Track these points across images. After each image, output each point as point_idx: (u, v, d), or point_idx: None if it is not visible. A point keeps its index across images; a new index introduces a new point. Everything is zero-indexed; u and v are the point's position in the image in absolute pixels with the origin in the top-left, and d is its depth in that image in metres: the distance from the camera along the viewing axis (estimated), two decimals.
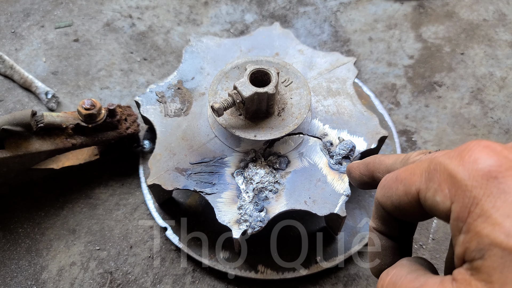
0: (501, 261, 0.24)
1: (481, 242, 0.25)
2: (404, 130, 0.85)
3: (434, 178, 0.29)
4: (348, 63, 0.76)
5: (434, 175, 0.29)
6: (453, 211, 0.28)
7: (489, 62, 0.93)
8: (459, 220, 0.27)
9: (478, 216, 0.26)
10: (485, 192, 0.26)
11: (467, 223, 0.26)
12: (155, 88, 0.73)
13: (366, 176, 0.41)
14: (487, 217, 0.25)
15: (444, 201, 0.28)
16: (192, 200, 0.74)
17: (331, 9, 1.04)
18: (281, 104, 0.66)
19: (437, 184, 0.29)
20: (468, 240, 0.26)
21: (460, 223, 0.27)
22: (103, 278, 0.69)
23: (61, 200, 0.76)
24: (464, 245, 0.27)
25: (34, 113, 0.65)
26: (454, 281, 0.27)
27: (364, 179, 0.41)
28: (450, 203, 0.28)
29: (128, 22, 1.01)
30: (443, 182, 0.28)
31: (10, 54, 0.94)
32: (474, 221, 0.26)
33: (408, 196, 0.31)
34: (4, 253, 0.71)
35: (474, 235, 0.26)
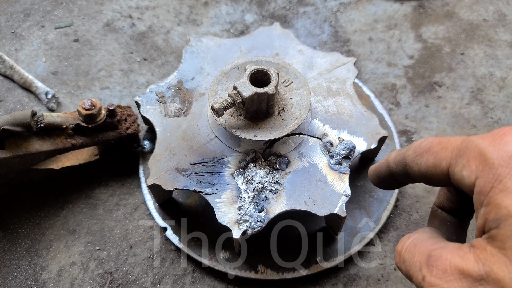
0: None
1: (499, 213, 0.27)
2: (404, 130, 0.85)
3: (464, 154, 0.31)
4: (348, 63, 0.76)
5: (464, 151, 0.31)
6: (477, 185, 0.30)
7: (489, 62, 0.93)
8: (481, 193, 0.29)
9: (500, 191, 0.28)
10: (510, 171, 0.28)
11: (488, 197, 0.29)
12: (155, 88, 0.73)
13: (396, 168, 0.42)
14: (508, 191, 0.27)
15: (470, 175, 0.30)
16: (192, 200, 0.74)
17: (331, 9, 1.04)
18: (281, 104, 0.66)
19: (466, 160, 0.31)
20: (488, 212, 0.28)
21: (482, 196, 0.29)
22: (103, 278, 0.69)
23: (61, 200, 0.76)
24: (484, 217, 0.29)
25: (34, 113, 0.65)
26: (472, 247, 0.30)
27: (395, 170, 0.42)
28: (475, 178, 0.30)
29: (128, 22, 1.01)
30: (472, 158, 0.30)
31: (10, 54, 0.94)
32: (495, 195, 0.28)
33: (437, 169, 0.34)
34: (4, 253, 0.71)
35: (494, 206, 0.28)
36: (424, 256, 0.33)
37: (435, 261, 0.31)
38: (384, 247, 0.72)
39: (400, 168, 0.39)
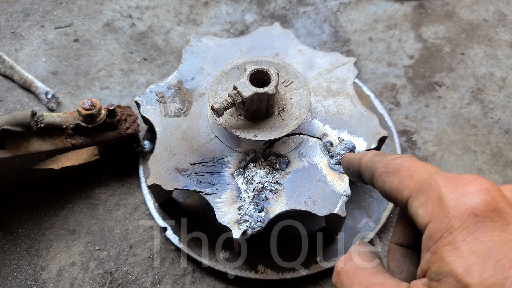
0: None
1: (442, 267, 0.27)
2: (404, 130, 0.85)
3: (425, 192, 0.31)
4: (348, 63, 0.76)
5: (426, 189, 0.31)
6: (428, 229, 0.29)
7: (489, 62, 0.93)
8: (430, 239, 0.29)
9: (447, 243, 0.28)
10: (462, 225, 0.28)
11: (436, 245, 0.28)
12: (155, 88, 0.73)
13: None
14: (455, 247, 0.27)
15: (424, 216, 0.30)
16: (192, 200, 0.74)
17: (331, 9, 1.04)
18: (281, 104, 0.66)
19: (425, 198, 0.31)
20: (432, 261, 0.28)
21: (431, 242, 0.29)
22: (103, 278, 0.69)
23: (61, 200, 0.76)
24: (428, 263, 0.29)
25: (34, 113, 0.65)
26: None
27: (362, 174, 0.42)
28: (428, 220, 0.30)
29: (128, 22, 1.01)
30: (431, 199, 0.30)
31: (10, 54, 0.94)
32: (442, 246, 0.28)
33: (398, 195, 0.33)
34: (4, 253, 0.71)
35: (438, 258, 0.28)
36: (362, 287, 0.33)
37: None
38: (384, 247, 0.72)
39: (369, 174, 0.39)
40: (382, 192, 0.36)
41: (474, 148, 0.82)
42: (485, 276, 0.26)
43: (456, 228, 0.28)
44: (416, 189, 0.32)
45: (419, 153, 0.82)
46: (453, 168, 0.80)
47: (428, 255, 0.29)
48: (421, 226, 0.30)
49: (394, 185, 0.34)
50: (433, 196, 0.30)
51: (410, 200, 0.32)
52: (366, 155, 0.40)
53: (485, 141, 0.83)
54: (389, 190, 0.35)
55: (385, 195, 0.36)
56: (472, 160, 0.81)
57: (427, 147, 0.83)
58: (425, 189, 0.31)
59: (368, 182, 0.40)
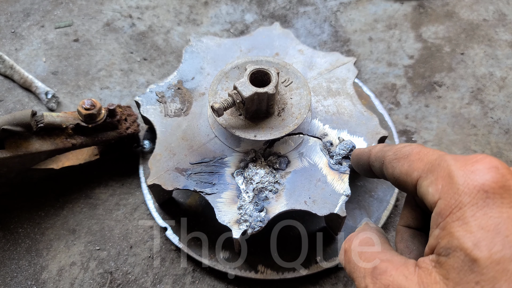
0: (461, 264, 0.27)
1: (451, 242, 0.28)
2: (404, 130, 0.85)
3: (435, 171, 0.31)
4: (348, 63, 0.76)
5: (436, 168, 0.31)
6: (438, 206, 0.30)
7: (489, 62, 0.93)
8: (439, 215, 0.29)
9: (457, 219, 0.28)
10: (471, 201, 0.28)
11: (445, 221, 0.29)
12: (155, 88, 0.73)
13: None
14: (464, 222, 0.27)
15: (434, 193, 0.30)
16: (192, 200, 0.74)
17: (331, 9, 1.04)
18: (281, 104, 0.66)
19: (435, 176, 0.31)
20: (441, 236, 0.29)
21: (440, 218, 0.29)
22: (103, 278, 0.69)
23: (61, 200, 0.76)
24: (437, 239, 0.29)
25: (34, 113, 0.65)
26: (418, 267, 0.30)
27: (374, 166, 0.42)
28: (438, 197, 0.30)
29: (128, 22, 1.01)
30: (440, 177, 0.31)
31: (10, 54, 0.94)
32: (452, 222, 0.28)
33: (408, 177, 0.34)
34: (4, 253, 0.71)
35: (448, 234, 0.28)
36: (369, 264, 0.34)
37: (380, 275, 0.32)
38: None
39: (378, 164, 0.40)
40: (392, 178, 0.37)
41: (474, 148, 0.82)
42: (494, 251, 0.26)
43: (466, 204, 0.28)
44: (425, 170, 0.32)
45: None
46: None
47: (437, 231, 0.29)
48: (430, 204, 0.31)
49: (404, 169, 0.35)
50: (443, 174, 0.30)
51: (420, 180, 0.32)
52: (375, 147, 0.41)
53: (485, 141, 0.83)
54: (398, 174, 0.35)
55: (395, 181, 0.37)
56: None
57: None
58: (434, 168, 0.31)
59: (378, 172, 0.40)
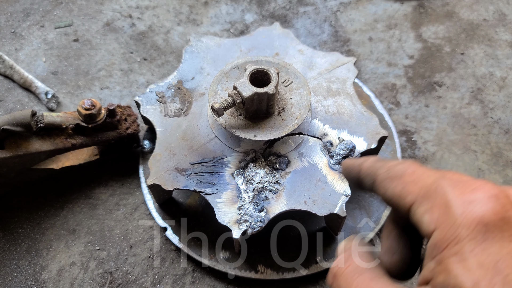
0: None
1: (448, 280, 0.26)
2: (404, 130, 0.85)
3: (430, 198, 0.29)
4: (348, 63, 0.76)
5: (432, 194, 0.29)
6: (434, 237, 0.28)
7: (489, 62, 0.93)
8: (435, 248, 0.28)
9: (454, 253, 0.26)
10: (470, 235, 0.26)
11: (441, 255, 0.27)
12: (155, 88, 0.73)
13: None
14: (462, 259, 0.26)
15: (430, 223, 0.29)
16: (192, 200, 0.74)
17: (331, 9, 1.04)
18: (281, 104, 0.66)
19: (431, 204, 0.29)
20: (437, 271, 0.27)
21: (435, 251, 0.27)
22: (103, 278, 0.69)
23: (61, 200, 0.76)
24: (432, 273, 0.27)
25: (34, 113, 0.65)
26: None
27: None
28: (434, 227, 0.28)
29: (128, 22, 1.01)
30: (436, 205, 0.29)
31: (10, 54, 0.94)
32: (449, 257, 0.26)
33: (401, 201, 0.32)
34: (4, 253, 0.71)
35: (444, 270, 0.26)
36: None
37: None
38: None
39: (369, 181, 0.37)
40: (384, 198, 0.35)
41: (474, 148, 0.82)
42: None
43: (464, 237, 0.26)
44: (420, 195, 0.30)
45: (419, 153, 0.82)
46: (453, 168, 0.80)
47: (433, 264, 0.28)
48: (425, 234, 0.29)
49: (396, 191, 0.32)
50: (439, 202, 0.28)
51: (414, 206, 0.30)
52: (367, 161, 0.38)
53: (485, 141, 0.83)
54: (391, 196, 0.33)
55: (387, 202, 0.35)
56: (472, 160, 0.81)
57: (427, 147, 0.83)
58: (430, 194, 0.29)
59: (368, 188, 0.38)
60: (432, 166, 0.80)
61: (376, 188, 0.36)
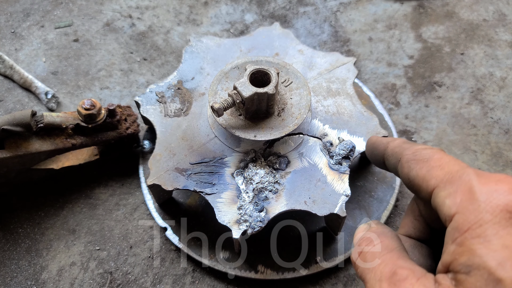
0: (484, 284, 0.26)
1: (472, 260, 0.26)
2: (404, 130, 0.85)
3: (455, 183, 0.30)
4: (348, 63, 0.76)
5: (457, 180, 0.30)
6: (455, 220, 0.29)
7: (489, 62, 0.93)
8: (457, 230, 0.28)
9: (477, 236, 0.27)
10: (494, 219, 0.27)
11: (463, 237, 0.28)
12: (155, 88, 0.73)
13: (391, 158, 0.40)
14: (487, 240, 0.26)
15: (451, 206, 0.29)
16: (192, 200, 0.74)
17: (331, 9, 1.04)
18: (281, 104, 0.66)
19: (454, 189, 0.30)
20: (459, 253, 0.27)
21: (457, 233, 0.28)
22: (103, 278, 0.69)
23: (61, 200, 0.76)
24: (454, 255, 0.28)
25: (34, 113, 0.65)
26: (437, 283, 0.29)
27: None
28: (455, 211, 0.29)
29: (128, 22, 1.01)
30: (460, 190, 0.29)
31: (10, 54, 0.94)
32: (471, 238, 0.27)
33: (424, 183, 0.33)
34: (4, 253, 0.71)
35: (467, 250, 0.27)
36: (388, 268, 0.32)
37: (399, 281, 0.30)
38: None
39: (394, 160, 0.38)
40: (406, 179, 0.35)
41: (474, 148, 0.82)
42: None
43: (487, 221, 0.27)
44: (445, 180, 0.31)
45: None
46: None
47: (453, 247, 0.28)
48: (446, 217, 0.30)
49: (421, 173, 0.33)
50: (463, 188, 0.29)
51: (437, 189, 0.31)
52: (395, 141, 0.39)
53: (485, 141, 0.83)
54: (414, 177, 0.34)
55: (408, 183, 0.35)
56: (472, 160, 0.81)
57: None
58: (455, 180, 0.30)
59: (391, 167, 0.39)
60: None
61: (400, 167, 0.36)
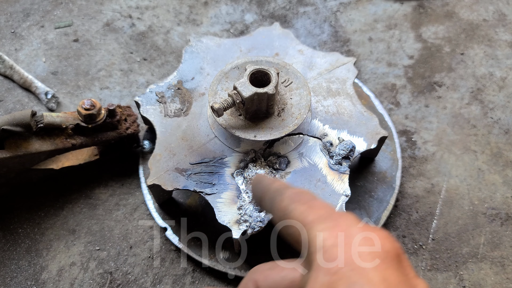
0: None
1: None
2: (404, 130, 0.85)
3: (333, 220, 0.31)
4: (348, 63, 0.76)
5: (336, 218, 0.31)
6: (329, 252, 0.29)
7: (489, 62, 0.93)
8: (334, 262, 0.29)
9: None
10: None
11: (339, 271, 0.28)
12: (155, 88, 0.73)
13: None
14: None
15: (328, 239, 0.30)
16: (192, 200, 0.74)
17: (331, 9, 1.04)
18: (281, 104, 0.66)
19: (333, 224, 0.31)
20: None
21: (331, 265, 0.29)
22: (103, 278, 0.69)
23: (61, 200, 0.76)
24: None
25: (34, 113, 0.65)
26: None
27: None
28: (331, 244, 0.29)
29: (128, 22, 1.01)
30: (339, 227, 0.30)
31: (10, 54, 0.94)
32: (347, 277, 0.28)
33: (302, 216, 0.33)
34: (4, 253, 0.71)
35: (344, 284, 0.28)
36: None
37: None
38: None
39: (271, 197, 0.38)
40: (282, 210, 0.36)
41: (474, 148, 0.82)
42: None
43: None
44: (323, 216, 0.32)
45: (419, 153, 0.82)
46: (453, 168, 0.80)
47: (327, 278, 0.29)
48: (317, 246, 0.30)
49: (301, 208, 0.34)
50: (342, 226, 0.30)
51: (312, 224, 0.32)
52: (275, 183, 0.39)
53: (485, 141, 0.83)
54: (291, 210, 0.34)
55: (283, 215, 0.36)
56: (472, 160, 0.81)
57: (427, 147, 0.83)
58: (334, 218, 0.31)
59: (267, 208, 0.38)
60: (432, 166, 0.80)
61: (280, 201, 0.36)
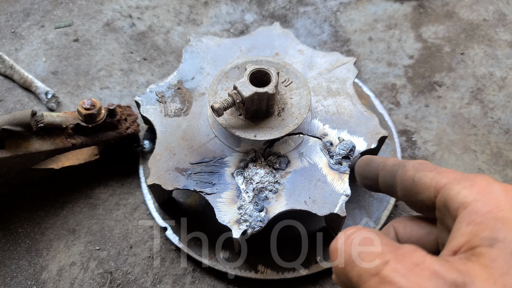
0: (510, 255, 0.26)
1: (496, 233, 0.27)
2: (404, 130, 0.85)
3: (469, 179, 0.31)
4: (348, 63, 0.76)
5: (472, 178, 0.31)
6: (473, 205, 0.29)
7: (489, 62, 0.93)
8: (474, 213, 0.29)
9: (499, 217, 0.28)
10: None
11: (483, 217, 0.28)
12: (155, 88, 0.73)
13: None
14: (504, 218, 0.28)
15: (468, 195, 0.30)
16: (192, 200, 0.74)
17: (331, 9, 1.04)
18: (281, 104, 0.66)
19: (470, 183, 0.30)
20: (480, 229, 0.28)
21: (474, 215, 0.28)
22: (103, 278, 0.69)
23: (61, 200, 0.76)
24: (471, 235, 0.28)
25: (34, 113, 0.65)
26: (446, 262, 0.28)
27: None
28: (472, 199, 0.29)
29: (128, 22, 1.01)
30: (477, 184, 0.30)
31: (10, 54, 0.94)
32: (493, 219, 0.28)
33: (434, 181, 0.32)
34: (4, 253, 0.71)
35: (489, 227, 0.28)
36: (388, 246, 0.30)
37: (407, 254, 0.29)
38: None
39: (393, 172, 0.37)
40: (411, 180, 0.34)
41: (474, 148, 0.82)
42: None
43: (508, 208, 0.28)
44: (458, 178, 0.31)
45: (419, 153, 0.82)
46: (453, 167, 0.80)
47: (471, 227, 0.28)
48: (459, 205, 0.30)
49: (430, 174, 0.33)
50: (480, 184, 0.30)
51: (449, 185, 0.31)
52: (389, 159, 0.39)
53: (485, 141, 0.83)
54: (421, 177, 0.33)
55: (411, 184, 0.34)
56: (472, 160, 0.81)
57: (427, 147, 0.83)
58: (470, 177, 0.31)
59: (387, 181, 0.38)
60: None
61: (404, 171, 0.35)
